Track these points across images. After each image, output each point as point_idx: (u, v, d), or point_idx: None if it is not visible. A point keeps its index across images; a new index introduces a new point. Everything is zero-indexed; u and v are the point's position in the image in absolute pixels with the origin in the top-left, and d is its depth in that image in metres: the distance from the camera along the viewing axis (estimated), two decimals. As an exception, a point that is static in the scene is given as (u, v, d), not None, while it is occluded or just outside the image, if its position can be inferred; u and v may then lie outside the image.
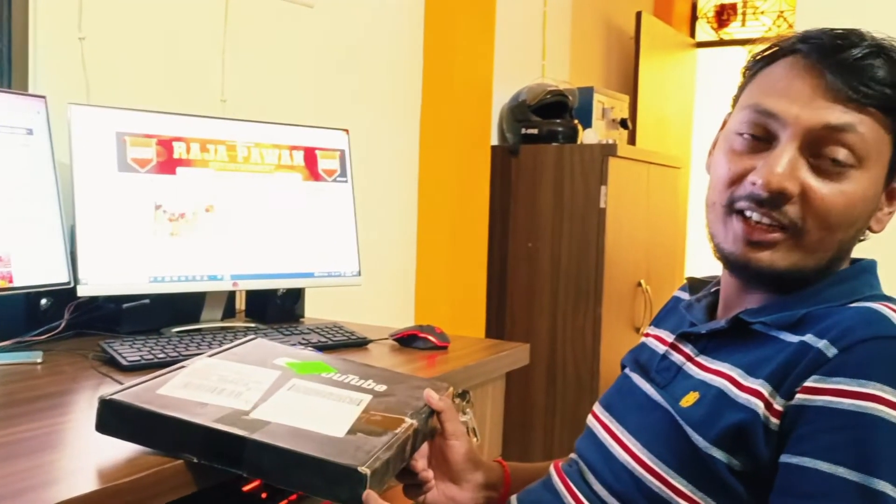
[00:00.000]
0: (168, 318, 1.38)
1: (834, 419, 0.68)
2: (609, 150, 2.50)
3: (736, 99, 0.86)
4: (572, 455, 0.95)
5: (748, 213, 0.78)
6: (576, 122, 2.71)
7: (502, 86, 2.71)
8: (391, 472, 0.79)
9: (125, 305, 1.33)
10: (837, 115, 0.75)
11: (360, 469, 0.70)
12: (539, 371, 2.58)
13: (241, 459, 0.73)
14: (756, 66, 0.83)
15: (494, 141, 2.78)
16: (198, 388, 0.81)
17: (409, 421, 0.84)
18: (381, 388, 0.91)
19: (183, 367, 0.86)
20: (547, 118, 2.68)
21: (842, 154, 0.75)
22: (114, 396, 0.75)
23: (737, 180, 0.80)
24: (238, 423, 0.75)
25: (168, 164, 1.33)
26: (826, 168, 0.76)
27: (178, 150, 1.34)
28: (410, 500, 0.97)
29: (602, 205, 2.49)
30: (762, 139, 0.79)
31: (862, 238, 0.83)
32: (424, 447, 0.94)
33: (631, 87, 3.43)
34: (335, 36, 2.08)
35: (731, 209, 0.80)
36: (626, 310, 2.65)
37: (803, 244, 0.77)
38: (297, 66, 1.97)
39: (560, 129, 2.65)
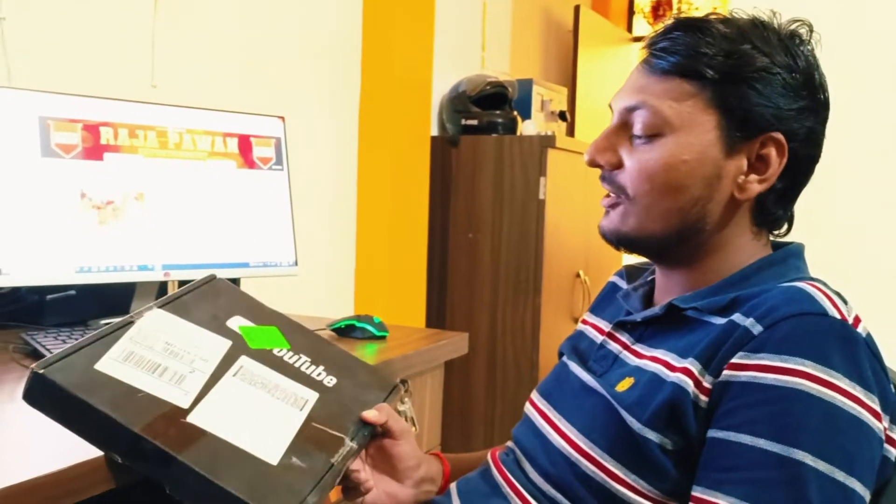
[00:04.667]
0: (96, 309, 1.33)
1: (757, 394, 0.70)
2: (548, 141, 2.52)
3: None
4: (509, 443, 0.95)
5: (605, 186, 0.88)
6: (515, 113, 2.72)
7: (442, 76, 2.71)
8: (321, 500, 0.75)
9: (49, 297, 1.28)
10: (630, 95, 0.84)
11: None
12: (479, 361, 2.59)
13: (167, 474, 0.69)
14: None
15: (434, 131, 2.77)
16: (139, 364, 0.75)
17: (348, 444, 0.81)
18: (330, 381, 0.88)
19: (132, 322, 0.80)
20: (487, 109, 2.68)
21: (638, 128, 0.83)
22: (46, 371, 0.69)
23: None
24: (170, 433, 0.70)
25: (95, 150, 1.28)
26: (636, 141, 0.83)
27: (106, 136, 1.29)
28: (347, 500, 0.95)
29: (541, 196, 2.51)
30: None
31: (776, 230, 0.87)
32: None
33: (569, 79, 3.47)
34: (271, 21, 2.04)
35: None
36: (565, 300, 2.67)
37: (637, 209, 0.84)
38: (231, 51, 1.93)
39: (500, 120, 2.66)
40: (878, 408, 0.70)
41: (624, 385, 0.80)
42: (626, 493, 0.75)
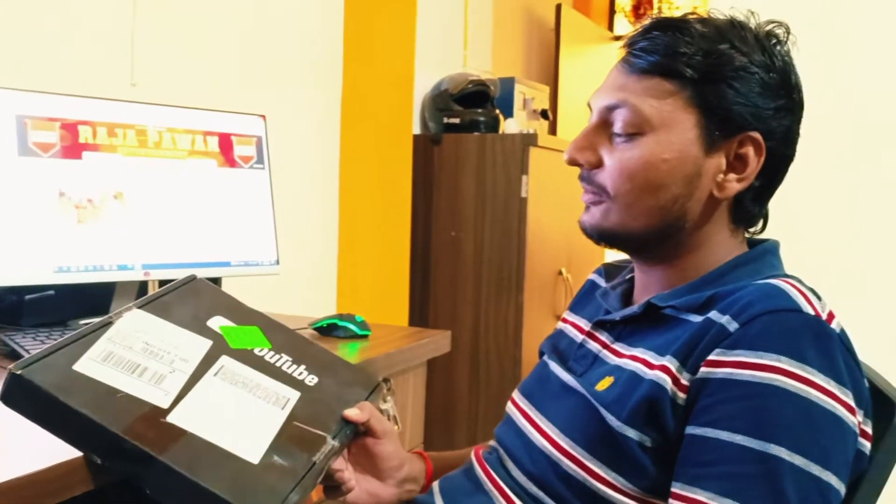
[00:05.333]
0: (75, 309, 1.32)
1: (734, 390, 0.70)
2: (530, 139, 2.52)
3: None
4: (492, 442, 0.96)
5: (584, 186, 0.88)
6: (497, 111, 2.73)
7: (424, 75, 2.71)
8: (302, 499, 0.75)
9: (28, 297, 1.27)
10: (610, 94, 0.84)
11: None
12: (462, 359, 2.59)
13: (147, 475, 0.69)
14: None
15: (416, 130, 2.77)
16: (118, 364, 0.75)
17: (330, 443, 0.81)
18: (312, 380, 0.88)
19: (111, 322, 0.79)
20: (469, 108, 2.69)
21: (618, 126, 0.83)
22: (25, 372, 0.68)
23: None
24: (150, 433, 0.70)
25: (73, 149, 1.27)
26: (617, 139, 0.83)
27: (84, 135, 1.28)
28: (329, 499, 0.95)
29: (523, 194, 2.51)
30: None
31: (752, 228, 0.87)
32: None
33: (551, 78, 3.48)
34: (252, 19, 2.03)
35: None
36: (547, 298, 2.68)
37: (619, 206, 0.84)
38: (212, 49, 1.92)
39: (482, 118, 2.66)
40: (852, 402, 0.71)
41: (604, 384, 0.81)
42: (607, 490, 0.76)
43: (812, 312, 0.73)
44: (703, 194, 0.82)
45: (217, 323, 0.89)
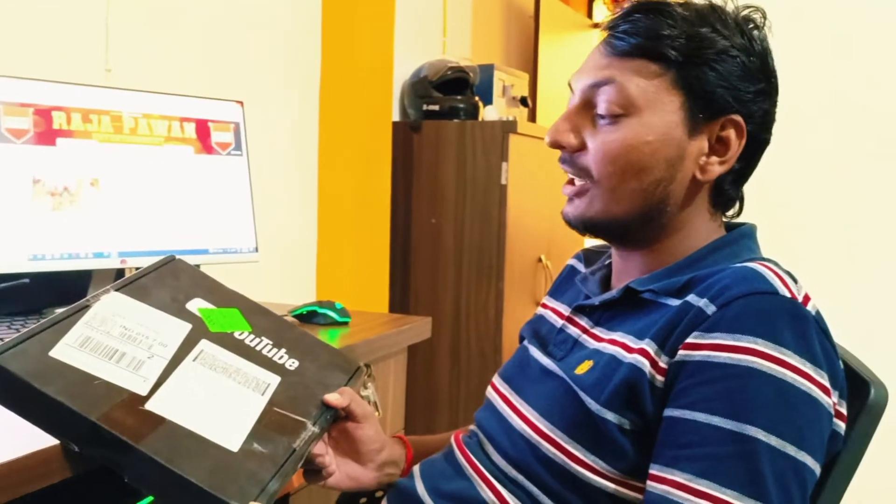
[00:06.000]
0: (50, 298, 1.31)
1: (711, 372, 0.71)
2: (509, 126, 2.52)
3: None
4: (472, 427, 0.96)
5: (565, 169, 0.87)
6: (477, 98, 2.72)
7: (403, 61, 2.69)
8: (282, 486, 0.75)
9: (2, 285, 1.25)
10: (595, 73, 0.83)
11: None
12: (443, 345, 2.60)
13: (125, 464, 0.68)
14: None
15: (396, 117, 2.76)
16: (96, 350, 0.74)
17: (310, 429, 0.81)
18: (292, 364, 0.88)
19: (88, 305, 0.78)
20: (448, 94, 2.68)
21: (602, 108, 0.82)
22: (0, 359, 0.67)
23: None
24: (128, 422, 0.69)
25: (47, 135, 1.25)
26: (600, 122, 0.83)
27: (58, 121, 1.27)
28: (309, 483, 0.95)
29: (503, 181, 2.51)
30: None
31: (729, 212, 0.88)
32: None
33: (531, 65, 3.47)
34: (229, 4, 2.01)
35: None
36: (527, 285, 2.69)
37: (602, 191, 0.83)
38: (188, 34, 1.89)
39: (461, 105, 2.66)
40: (827, 384, 0.72)
41: (583, 368, 0.81)
42: (586, 473, 0.76)
43: (788, 295, 0.74)
44: (686, 177, 0.82)
45: (196, 305, 0.88)
